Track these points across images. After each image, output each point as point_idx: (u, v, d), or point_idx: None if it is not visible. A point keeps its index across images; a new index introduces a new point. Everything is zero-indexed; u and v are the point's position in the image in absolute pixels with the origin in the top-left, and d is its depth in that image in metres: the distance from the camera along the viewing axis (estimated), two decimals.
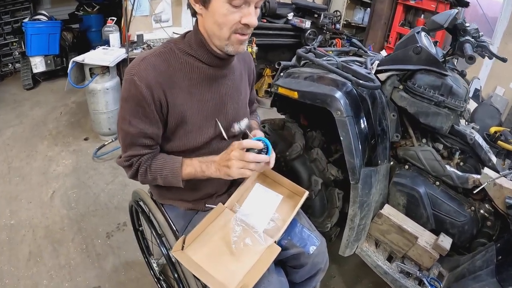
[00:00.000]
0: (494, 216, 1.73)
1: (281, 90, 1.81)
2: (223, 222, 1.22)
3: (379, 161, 1.67)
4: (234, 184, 1.38)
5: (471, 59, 1.43)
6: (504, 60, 1.64)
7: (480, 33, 1.57)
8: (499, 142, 3.33)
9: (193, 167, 1.13)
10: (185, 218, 1.34)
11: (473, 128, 1.85)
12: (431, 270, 1.76)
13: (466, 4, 4.18)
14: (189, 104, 1.12)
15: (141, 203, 1.49)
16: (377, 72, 1.80)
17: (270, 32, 4.21)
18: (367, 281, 2.14)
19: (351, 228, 1.67)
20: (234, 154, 1.04)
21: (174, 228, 1.32)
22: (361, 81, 1.54)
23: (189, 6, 1.06)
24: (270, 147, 1.09)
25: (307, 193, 1.33)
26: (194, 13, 1.07)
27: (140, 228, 1.82)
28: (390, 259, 1.85)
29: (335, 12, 5.25)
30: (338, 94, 1.51)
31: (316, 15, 4.38)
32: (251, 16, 1.00)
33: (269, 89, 2.04)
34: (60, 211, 2.52)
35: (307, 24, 4.22)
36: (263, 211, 1.28)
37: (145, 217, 1.45)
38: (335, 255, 1.78)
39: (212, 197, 1.34)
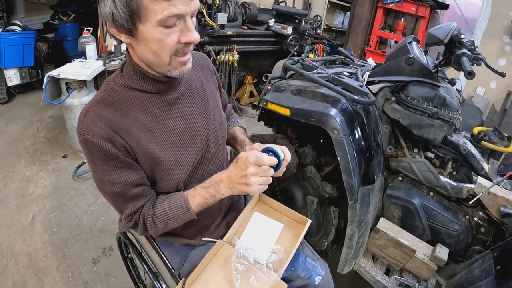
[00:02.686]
0: (488, 222, 1.73)
1: (270, 106, 1.75)
2: (223, 260, 1.14)
3: (375, 177, 1.63)
4: (230, 211, 1.31)
5: (470, 75, 1.41)
6: (503, 75, 1.62)
7: (476, 45, 1.56)
8: (483, 142, 3.40)
9: (200, 196, 1.03)
10: (181, 255, 1.24)
11: (464, 136, 1.84)
12: (429, 280, 1.74)
13: (446, 7, 4.25)
14: (155, 141, 0.99)
15: (129, 234, 1.40)
16: (368, 83, 1.77)
17: (251, 39, 4.18)
18: None
19: (349, 246, 1.63)
20: (252, 171, 0.95)
21: (170, 266, 1.23)
22: (356, 97, 1.50)
23: (112, 36, 0.91)
24: (280, 154, 1.02)
25: (309, 221, 1.27)
26: (121, 41, 0.91)
27: (129, 255, 1.72)
28: (387, 272, 1.82)
29: (316, 17, 5.27)
30: (334, 112, 1.47)
31: (297, 21, 4.38)
32: (191, 32, 0.87)
33: (255, 103, 1.95)
34: (42, 236, 2.39)
35: (289, 30, 4.20)
36: (264, 242, 1.21)
37: (135, 252, 1.36)
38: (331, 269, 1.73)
39: (208, 229, 1.26)
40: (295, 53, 4.34)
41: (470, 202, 1.67)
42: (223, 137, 1.22)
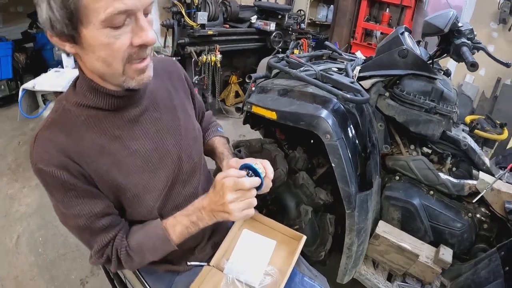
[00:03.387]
0: (490, 218, 1.65)
1: (255, 110, 1.62)
2: (211, 286, 1.02)
3: (373, 181, 1.52)
4: (216, 230, 1.18)
5: (473, 66, 1.30)
6: (508, 65, 1.52)
7: (474, 34, 1.45)
8: (476, 131, 3.32)
9: (181, 224, 0.91)
10: (165, 282, 1.11)
11: (463, 130, 1.74)
12: (433, 283, 1.66)
13: None
14: (117, 167, 0.86)
15: None
16: (360, 78, 1.66)
17: (234, 37, 4.05)
18: None
19: (348, 256, 1.53)
20: (230, 198, 0.84)
21: None
22: (348, 96, 1.38)
23: (59, 48, 0.77)
24: (260, 171, 0.90)
25: (304, 237, 1.15)
26: (67, 53, 0.78)
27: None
28: (389, 277, 1.73)
29: (299, 12, 5.15)
30: (325, 114, 1.35)
31: (280, 16, 4.26)
32: (145, 31, 0.73)
33: (240, 106, 1.82)
34: (28, 258, 2.26)
35: (272, 26, 4.09)
36: (256, 263, 1.09)
37: (118, 281, 1.23)
38: (328, 275, 1.63)
39: (193, 252, 1.12)
40: (280, 50, 4.25)
41: (474, 201, 1.58)
42: (198, 154, 1.08)
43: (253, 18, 4.16)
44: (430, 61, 1.60)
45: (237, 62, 4.47)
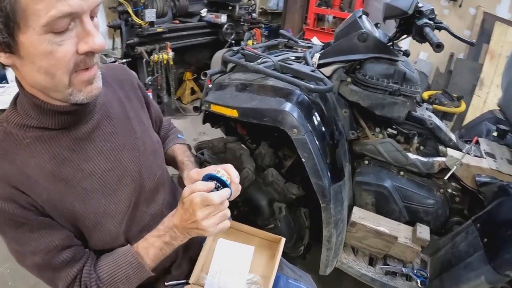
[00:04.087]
0: (461, 192, 1.67)
1: (215, 108, 1.52)
2: None
3: (344, 169, 1.48)
4: (189, 244, 1.08)
5: (439, 47, 1.27)
6: (472, 44, 1.51)
7: (435, 14, 1.42)
8: (434, 106, 3.42)
9: (154, 246, 0.83)
10: None
11: (427, 109, 1.74)
12: (413, 261, 1.67)
13: None
14: (71, 193, 0.76)
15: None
16: (320, 66, 1.61)
17: (185, 33, 3.90)
18: (348, 281, 2.04)
19: (328, 248, 1.49)
20: (201, 215, 0.77)
21: None
22: (311, 86, 1.32)
23: None
24: (225, 179, 0.83)
25: (283, 240, 1.09)
26: (3, 65, 0.66)
27: None
28: (371, 261, 1.72)
29: (250, 1, 5.05)
30: (289, 107, 1.27)
31: (230, 8, 4.16)
32: (92, 36, 0.64)
33: (197, 105, 1.71)
34: None
35: (223, 18, 3.98)
36: (236, 272, 1.03)
37: None
38: (310, 268, 1.60)
39: (169, 271, 1.03)
40: (233, 42, 4.16)
41: (446, 177, 1.58)
42: (160, 169, 0.98)
43: (203, 11, 4.03)
44: (390, 43, 1.58)
45: (189, 58, 4.32)
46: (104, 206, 0.80)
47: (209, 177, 0.81)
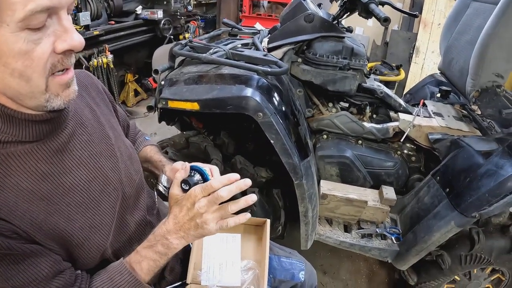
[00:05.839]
0: (416, 151, 1.80)
1: (172, 104, 1.47)
2: None
3: (309, 145, 1.53)
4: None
5: (386, 21, 1.34)
6: (416, 16, 1.61)
7: None
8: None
9: (147, 258, 0.78)
10: None
11: (374, 79, 1.84)
12: (385, 221, 1.79)
13: None
14: (55, 211, 0.69)
15: None
16: (269, 50, 1.64)
17: (122, 33, 3.74)
18: (324, 251, 2.19)
19: (306, 223, 1.55)
20: (201, 205, 0.74)
21: None
22: (268, 69, 1.34)
23: None
24: (204, 170, 0.85)
25: (268, 221, 1.12)
26: None
27: None
28: (346, 228, 1.81)
29: None
30: (251, 92, 1.29)
31: (165, 2, 4.06)
32: (71, 33, 0.59)
33: (151, 104, 1.66)
34: None
35: (159, 14, 3.90)
36: (229, 262, 1.04)
37: None
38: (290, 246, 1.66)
39: (164, 277, 0.99)
40: (171, 37, 4.09)
41: (401, 140, 1.70)
42: (138, 173, 0.94)
43: (138, 9, 3.90)
44: (335, 21, 1.64)
45: (128, 59, 4.16)
46: (90, 220, 0.75)
47: (194, 169, 0.82)
